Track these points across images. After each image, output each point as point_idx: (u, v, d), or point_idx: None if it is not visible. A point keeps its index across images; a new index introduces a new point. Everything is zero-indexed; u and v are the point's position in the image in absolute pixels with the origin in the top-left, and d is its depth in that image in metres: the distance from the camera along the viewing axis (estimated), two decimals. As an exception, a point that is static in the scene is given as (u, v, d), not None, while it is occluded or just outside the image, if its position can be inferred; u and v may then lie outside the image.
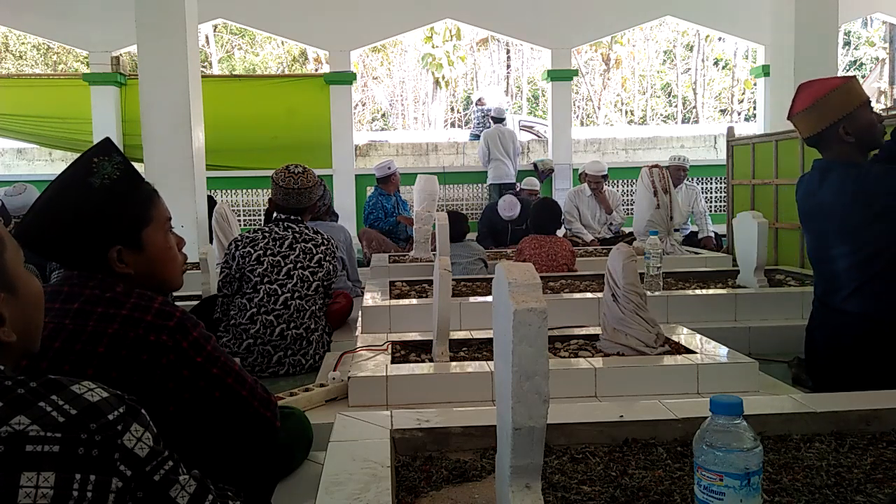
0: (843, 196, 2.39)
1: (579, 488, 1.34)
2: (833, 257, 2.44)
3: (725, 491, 0.99)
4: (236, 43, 22.77)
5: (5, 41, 20.15)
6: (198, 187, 5.53)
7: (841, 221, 2.41)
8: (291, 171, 3.27)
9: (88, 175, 1.40)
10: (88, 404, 0.86)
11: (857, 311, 2.38)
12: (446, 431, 1.58)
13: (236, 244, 3.11)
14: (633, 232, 5.47)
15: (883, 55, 20.91)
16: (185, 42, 5.42)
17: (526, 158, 11.19)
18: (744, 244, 3.77)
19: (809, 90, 2.55)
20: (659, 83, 25.05)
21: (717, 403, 1.03)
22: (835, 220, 2.43)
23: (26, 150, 11.23)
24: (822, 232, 2.51)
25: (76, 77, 10.45)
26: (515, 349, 1.02)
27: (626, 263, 2.44)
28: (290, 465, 1.76)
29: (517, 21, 9.38)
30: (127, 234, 1.44)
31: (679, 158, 6.91)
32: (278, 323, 3.01)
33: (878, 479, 1.37)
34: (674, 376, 2.27)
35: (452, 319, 2.55)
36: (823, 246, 2.50)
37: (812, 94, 2.52)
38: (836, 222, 2.42)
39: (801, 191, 2.62)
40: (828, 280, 2.50)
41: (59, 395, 0.86)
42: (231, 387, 1.47)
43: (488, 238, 6.36)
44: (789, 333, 3.26)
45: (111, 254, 1.42)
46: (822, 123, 2.48)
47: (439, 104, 23.49)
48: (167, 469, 0.93)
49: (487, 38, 21.49)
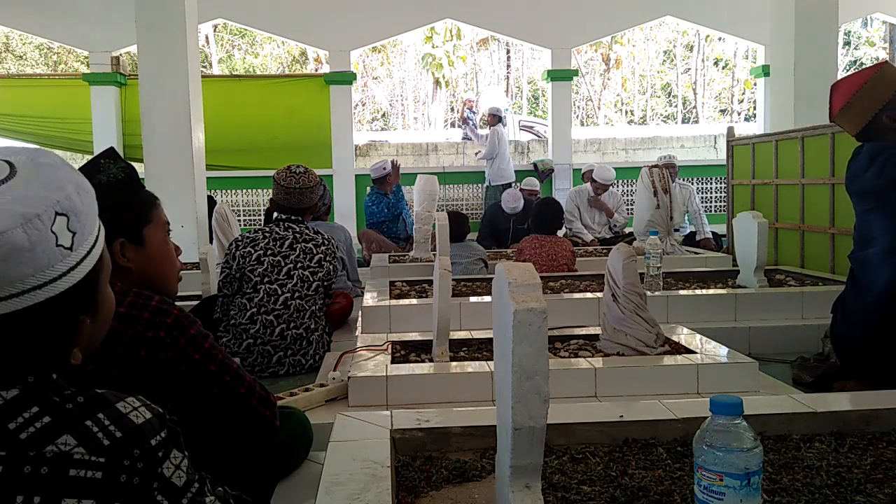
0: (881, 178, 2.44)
1: (579, 488, 1.34)
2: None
3: (725, 491, 0.99)
4: (236, 43, 22.78)
5: (6, 41, 20.15)
6: (198, 187, 5.53)
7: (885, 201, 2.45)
8: (293, 171, 3.28)
9: (96, 172, 1.47)
10: (133, 427, 0.83)
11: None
12: (446, 431, 1.58)
13: (237, 244, 3.12)
14: (633, 232, 5.47)
15: (883, 55, 20.92)
16: (185, 42, 5.42)
17: (526, 158, 11.20)
18: (744, 244, 3.77)
19: (842, 88, 2.55)
20: (659, 83, 25.05)
21: (717, 403, 1.03)
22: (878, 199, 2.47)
23: (26, 151, 11.23)
24: (865, 212, 2.54)
25: (76, 77, 10.45)
26: (515, 349, 1.02)
27: (626, 263, 2.44)
28: (290, 465, 1.76)
29: (517, 21, 9.38)
30: (130, 228, 1.50)
31: (668, 157, 6.96)
32: (278, 323, 3.01)
33: (878, 479, 1.37)
34: (674, 376, 2.27)
35: (452, 319, 2.55)
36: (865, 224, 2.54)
37: (846, 91, 2.53)
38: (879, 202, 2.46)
39: (849, 174, 2.64)
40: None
41: (106, 413, 0.82)
42: (229, 384, 1.47)
43: (490, 238, 6.36)
44: (789, 333, 3.27)
45: (115, 246, 1.46)
46: (865, 117, 2.49)
47: (439, 104, 23.49)
48: (194, 491, 0.89)
49: (487, 38, 21.49)
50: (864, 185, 2.52)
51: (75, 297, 0.86)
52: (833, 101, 2.59)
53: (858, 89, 2.47)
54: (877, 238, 2.47)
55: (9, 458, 0.77)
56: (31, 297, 0.81)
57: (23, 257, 0.79)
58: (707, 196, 9.67)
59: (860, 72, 2.62)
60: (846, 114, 2.54)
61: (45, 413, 0.80)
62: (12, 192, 0.81)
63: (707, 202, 9.58)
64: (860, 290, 2.52)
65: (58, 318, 0.85)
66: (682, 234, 6.61)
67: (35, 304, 0.81)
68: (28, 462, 0.77)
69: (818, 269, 4.34)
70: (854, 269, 2.59)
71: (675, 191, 6.71)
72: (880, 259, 2.44)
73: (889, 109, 2.43)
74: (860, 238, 2.57)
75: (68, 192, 0.84)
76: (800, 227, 4.61)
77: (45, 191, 0.82)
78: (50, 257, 0.82)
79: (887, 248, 2.43)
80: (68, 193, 0.84)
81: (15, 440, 0.78)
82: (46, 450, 0.77)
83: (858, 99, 2.48)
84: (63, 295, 0.84)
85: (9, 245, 0.77)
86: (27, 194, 0.81)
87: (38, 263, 0.80)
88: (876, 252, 2.46)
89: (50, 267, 0.82)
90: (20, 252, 0.78)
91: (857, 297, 2.54)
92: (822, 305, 3.26)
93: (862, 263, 2.53)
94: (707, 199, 9.63)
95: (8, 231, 0.77)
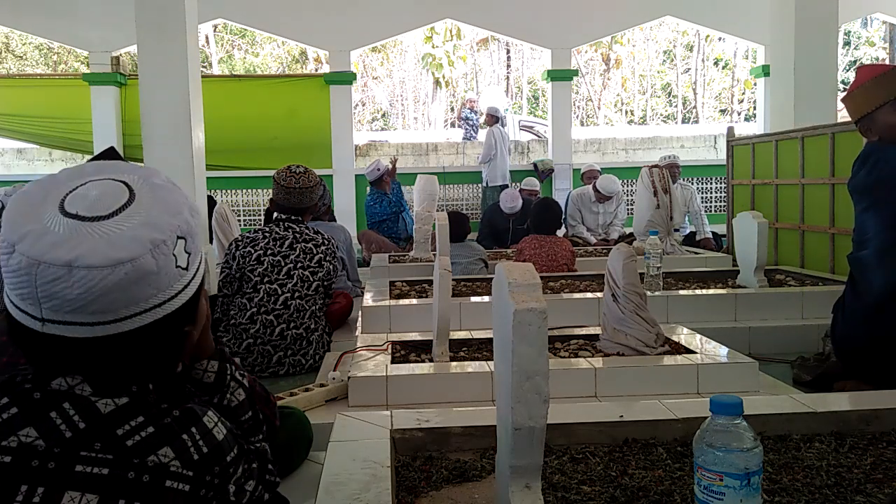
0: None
1: (579, 488, 1.34)
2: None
3: (725, 491, 0.99)
4: (236, 43, 22.77)
5: (6, 41, 20.15)
6: (198, 187, 5.52)
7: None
8: (293, 171, 3.28)
9: None
10: (216, 444, 0.88)
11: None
12: (446, 431, 1.58)
13: (237, 244, 3.12)
14: (633, 232, 5.46)
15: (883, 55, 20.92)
16: (185, 42, 5.42)
17: (526, 158, 11.19)
18: (744, 244, 3.77)
19: (864, 71, 2.60)
20: (659, 83, 25.04)
21: (717, 403, 1.03)
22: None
23: (26, 150, 11.23)
24: (861, 212, 2.57)
25: (76, 77, 10.45)
26: (515, 349, 1.02)
27: (626, 263, 2.44)
28: (290, 465, 1.76)
29: (517, 21, 9.37)
30: None
31: (671, 157, 6.94)
32: (278, 323, 3.01)
33: (878, 479, 1.37)
34: (674, 376, 2.27)
35: (452, 319, 2.55)
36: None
37: (864, 76, 2.56)
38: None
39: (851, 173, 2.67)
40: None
41: (197, 428, 0.87)
42: (251, 384, 1.47)
43: (489, 238, 6.36)
44: (789, 333, 3.27)
45: None
46: (866, 108, 2.52)
47: (439, 104, 23.49)
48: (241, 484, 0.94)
49: (487, 38, 21.48)
50: (857, 185, 2.55)
51: (185, 311, 0.91)
52: (854, 81, 2.62)
53: (873, 78, 2.49)
54: (870, 239, 2.49)
55: (115, 462, 0.81)
56: (153, 315, 0.86)
57: (150, 280, 0.84)
58: (707, 196, 9.67)
59: (886, 65, 2.65)
60: (854, 97, 2.58)
61: (150, 423, 0.84)
62: (138, 216, 0.85)
63: (707, 202, 9.57)
64: (858, 292, 2.53)
65: (170, 332, 0.90)
66: (682, 234, 6.61)
67: (154, 321, 0.86)
68: (132, 468, 0.81)
69: (818, 269, 4.34)
70: (852, 270, 2.60)
71: (677, 191, 6.71)
72: (875, 261, 2.45)
73: (888, 108, 2.45)
74: (857, 239, 2.60)
75: (186, 217, 0.89)
76: (800, 227, 4.61)
77: (167, 216, 0.87)
78: (171, 278, 0.87)
79: (880, 249, 2.45)
80: (186, 217, 0.89)
81: (122, 446, 0.82)
82: (149, 459, 0.82)
83: (870, 87, 2.50)
84: (177, 311, 0.89)
85: (141, 270, 0.82)
86: (153, 219, 0.85)
87: (161, 284, 0.85)
88: (869, 254, 2.47)
89: (170, 287, 0.87)
90: (149, 276, 0.83)
91: (856, 297, 2.54)
92: (822, 305, 3.27)
93: (858, 265, 2.54)
94: (707, 199, 9.62)
95: (140, 257, 0.82)
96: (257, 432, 1.19)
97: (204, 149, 5.78)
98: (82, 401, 0.83)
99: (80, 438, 0.81)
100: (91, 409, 0.83)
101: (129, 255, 0.81)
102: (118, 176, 0.89)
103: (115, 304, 0.82)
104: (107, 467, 0.80)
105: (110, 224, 0.83)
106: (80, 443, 0.81)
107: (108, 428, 0.82)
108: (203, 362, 1.13)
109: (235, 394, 1.16)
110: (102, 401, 0.84)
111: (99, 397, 0.84)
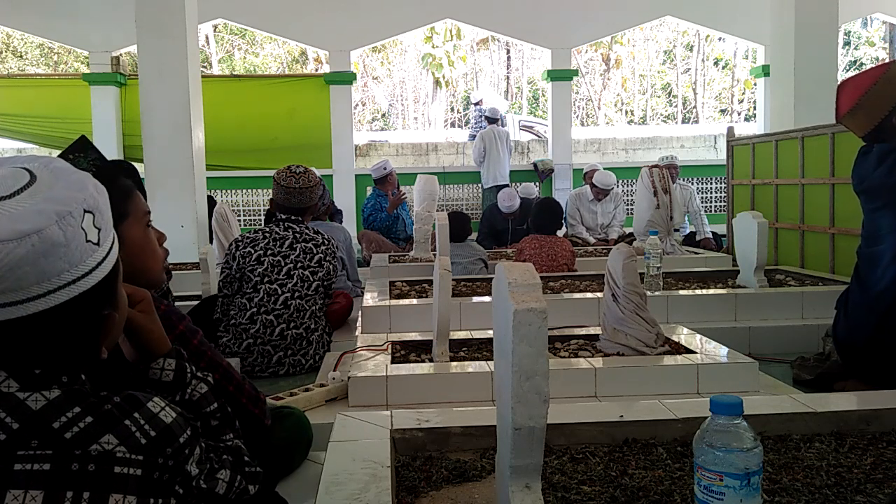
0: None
1: (579, 488, 1.34)
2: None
3: (725, 491, 0.99)
4: (236, 43, 22.76)
5: (7, 41, 20.15)
6: (198, 187, 5.53)
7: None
8: (293, 171, 3.28)
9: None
10: (165, 426, 0.88)
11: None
12: (446, 431, 1.58)
13: (237, 244, 3.12)
14: (633, 232, 5.46)
15: (883, 55, 20.92)
16: (185, 42, 5.42)
17: (526, 158, 11.19)
18: (744, 244, 3.77)
19: (849, 89, 2.55)
20: (659, 83, 25.04)
21: (717, 403, 1.03)
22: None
23: (26, 151, 11.22)
24: (873, 211, 2.55)
25: (76, 77, 10.45)
26: (515, 349, 1.02)
27: (626, 263, 2.44)
28: (290, 466, 1.76)
29: (517, 21, 9.37)
30: None
31: (669, 157, 6.95)
32: (278, 323, 3.01)
33: (878, 479, 1.37)
34: (674, 376, 2.27)
35: (452, 319, 2.55)
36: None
37: (853, 93, 2.52)
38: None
39: (857, 174, 2.63)
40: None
41: (140, 413, 0.87)
42: (218, 382, 1.46)
43: (489, 238, 6.36)
44: (789, 333, 3.27)
45: None
46: (874, 120, 2.48)
47: (439, 104, 23.48)
48: (206, 473, 0.96)
49: (487, 38, 21.48)
50: (872, 184, 2.52)
51: (101, 291, 0.89)
52: (840, 102, 2.59)
53: (867, 91, 2.47)
54: (884, 236, 2.48)
55: (56, 456, 0.80)
56: (67, 293, 0.84)
57: (59, 253, 0.82)
58: (707, 196, 9.66)
59: (867, 72, 2.61)
60: (854, 116, 2.54)
61: (88, 413, 0.84)
62: (40, 194, 0.84)
63: (707, 202, 9.57)
64: (865, 286, 2.53)
65: (88, 314, 0.89)
66: (682, 234, 6.61)
67: (68, 301, 0.84)
68: (75, 460, 0.81)
69: (818, 269, 4.34)
70: (860, 264, 2.59)
71: (676, 191, 6.71)
72: (889, 257, 2.44)
73: None
74: (868, 235, 2.59)
75: (91, 191, 0.88)
76: (800, 227, 4.61)
77: (70, 191, 0.86)
78: (82, 253, 0.85)
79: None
80: (92, 192, 0.88)
81: (60, 439, 0.81)
82: (91, 448, 0.82)
83: (867, 101, 2.47)
84: (92, 290, 0.87)
85: (48, 241, 0.81)
86: (55, 195, 0.85)
87: (72, 259, 0.84)
88: (885, 249, 2.46)
89: (82, 262, 0.85)
90: (57, 248, 0.82)
91: (862, 292, 2.54)
92: (822, 305, 3.27)
93: (869, 259, 2.54)
94: (707, 199, 9.62)
95: (46, 228, 0.81)
96: (227, 429, 1.19)
97: (204, 149, 5.79)
98: (11, 399, 0.82)
99: (15, 439, 0.80)
100: (21, 408, 0.82)
101: (34, 226, 0.80)
102: (17, 164, 0.89)
103: (25, 281, 0.80)
104: (48, 462, 0.80)
105: (12, 202, 0.82)
106: (16, 443, 0.80)
107: (43, 423, 0.81)
108: (160, 361, 1.13)
109: (198, 388, 1.16)
110: (32, 396, 0.83)
111: (28, 392, 0.83)
